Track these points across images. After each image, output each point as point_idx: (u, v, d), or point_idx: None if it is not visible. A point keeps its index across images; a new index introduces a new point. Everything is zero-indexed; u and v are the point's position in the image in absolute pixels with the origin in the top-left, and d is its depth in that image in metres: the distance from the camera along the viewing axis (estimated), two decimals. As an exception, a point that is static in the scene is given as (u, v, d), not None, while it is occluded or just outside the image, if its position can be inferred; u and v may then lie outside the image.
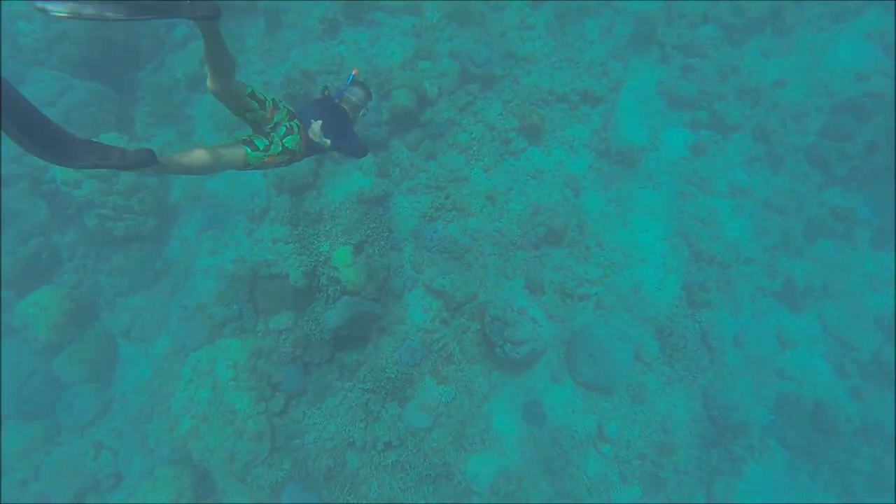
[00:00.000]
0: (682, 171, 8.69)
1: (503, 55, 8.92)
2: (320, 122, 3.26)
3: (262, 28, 9.79)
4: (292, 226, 7.92)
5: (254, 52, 9.60)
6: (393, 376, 7.38)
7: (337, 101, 3.75)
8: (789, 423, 7.78)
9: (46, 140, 1.93)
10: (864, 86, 8.87)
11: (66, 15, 1.88)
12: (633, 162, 8.58)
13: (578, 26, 9.38)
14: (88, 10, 1.89)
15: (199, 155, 2.66)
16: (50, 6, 1.87)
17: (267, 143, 2.98)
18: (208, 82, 2.70)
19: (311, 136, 3.23)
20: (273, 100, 3.06)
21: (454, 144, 8.17)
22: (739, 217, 8.58)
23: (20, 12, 9.24)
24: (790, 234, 8.51)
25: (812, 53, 9.28)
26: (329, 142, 3.32)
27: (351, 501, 6.97)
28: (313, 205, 7.92)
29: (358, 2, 9.27)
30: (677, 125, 9.00)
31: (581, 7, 9.45)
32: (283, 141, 3.05)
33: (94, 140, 2.08)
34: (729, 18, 9.07)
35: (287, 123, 3.10)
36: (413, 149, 8.22)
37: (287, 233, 7.92)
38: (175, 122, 9.53)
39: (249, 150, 2.89)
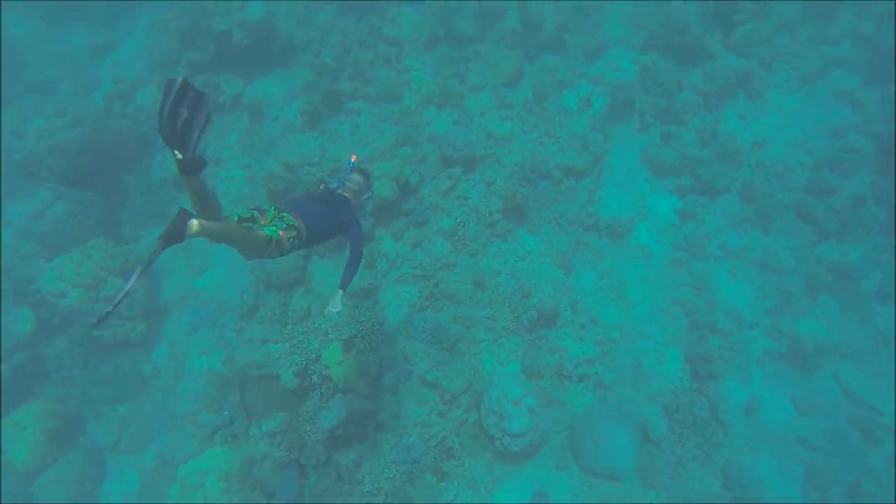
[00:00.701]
0: (673, 238, 8.59)
1: (483, 135, 9.03)
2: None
3: (245, 123, 9.99)
4: (281, 324, 7.76)
5: (237, 148, 9.76)
6: (392, 476, 7.03)
7: (339, 190, 4.02)
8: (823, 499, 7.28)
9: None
10: (841, 142, 8.94)
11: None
12: (622, 233, 8.50)
13: (557, 100, 9.55)
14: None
15: (230, 225, 2.93)
16: None
17: (275, 225, 3.32)
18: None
19: (330, 309, 3.91)
20: (255, 208, 3.36)
21: (439, 231, 8.11)
22: (735, 280, 8.40)
23: (12, 128, 9.50)
24: (790, 293, 8.29)
25: (785, 114, 9.40)
26: (342, 294, 3.92)
27: None
28: (300, 301, 7.79)
29: (336, 91, 9.50)
30: (663, 192, 8.98)
31: (558, 81, 9.65)
32: (285, 222, 3.38)
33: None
34: (702, 85, 9.23)
35: (279, 216, 3.41)
36: (398, 238, 8.16)
37: (276, 331, 7.76)
38: (162, 221, 9.55)
39: (265, 227, 3.22)
